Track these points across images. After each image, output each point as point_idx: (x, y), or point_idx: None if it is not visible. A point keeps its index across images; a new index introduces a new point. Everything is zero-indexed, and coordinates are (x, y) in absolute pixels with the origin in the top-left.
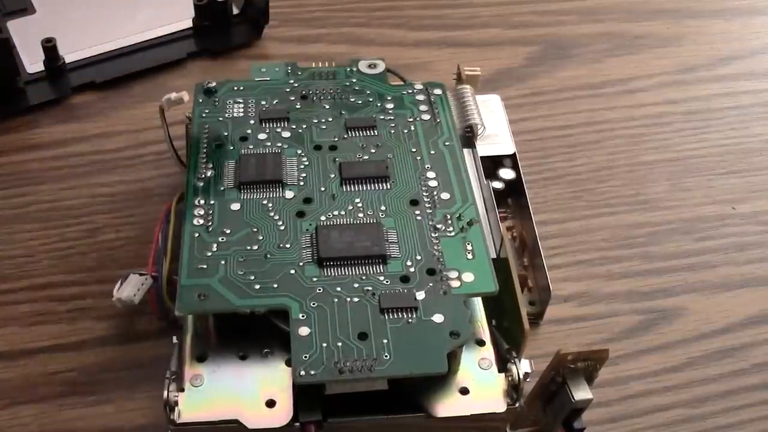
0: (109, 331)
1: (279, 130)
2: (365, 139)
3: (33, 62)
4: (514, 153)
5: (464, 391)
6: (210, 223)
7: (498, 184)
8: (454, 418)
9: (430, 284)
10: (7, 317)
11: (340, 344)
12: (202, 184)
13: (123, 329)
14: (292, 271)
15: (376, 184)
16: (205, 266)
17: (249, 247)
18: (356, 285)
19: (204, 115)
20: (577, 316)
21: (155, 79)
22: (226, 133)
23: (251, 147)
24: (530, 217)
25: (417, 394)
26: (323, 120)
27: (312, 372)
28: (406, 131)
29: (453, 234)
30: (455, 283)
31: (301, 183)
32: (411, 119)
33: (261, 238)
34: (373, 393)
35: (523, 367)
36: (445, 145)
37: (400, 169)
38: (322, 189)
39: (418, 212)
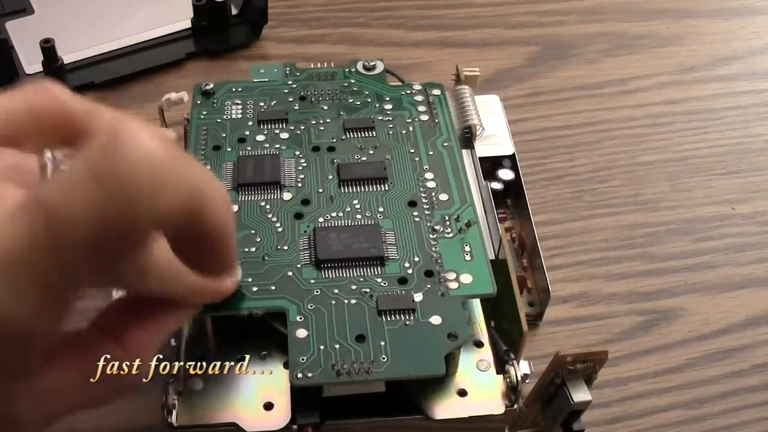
0: None
1: (277, 131)
2: (363, 140)
3: (32, 63)
4: (513, 153)
5: (462, 392)
6: None
7: (497, 185)
8: (453, 420)
9: (428, 286)
10: None
11: (337, 346)
12: None
13: None
14: (290, 273)
15: (375, 186)
16: None
17: (247, 249)
18: (354, 287)
19: (202, 116)
20: (577, 317)
21: (154, 80)
22: (224, 135)
23: (249, 148)
24: (529, 218)
25: (415, 395)
26: (322, 121)
27: (309, 374)
28: (404, 132)
29: (451, 235)
30: (453, 285)
31: (299, 184)
32: (409, 120)
33: (259, 240)
34: (371, 395)
35: (521, 368)
36: (444, 146)
37: (399, 170)
38: (320, 190)
39: (416, 213)
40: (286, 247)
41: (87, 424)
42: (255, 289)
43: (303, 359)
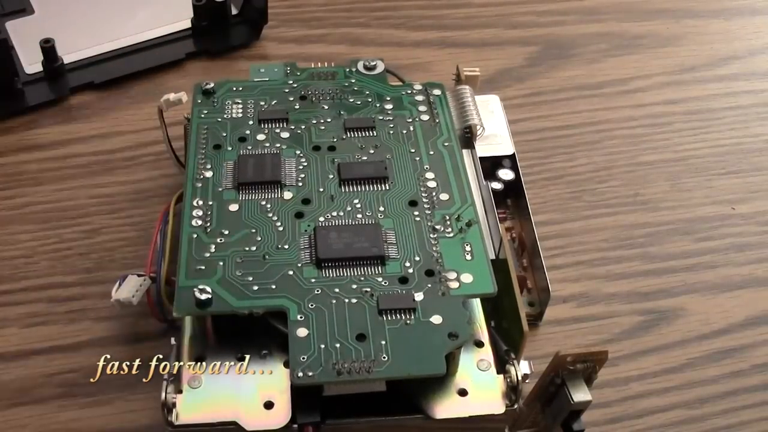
0: (108, 332)
1: (278, 130)
2: (364, 140)
3: (32, 63)
4: (514, 153)
5: (463, 392)
6: (208, 224)
7: (497, 185)
8: (453, 419)
9: (429, 285)
10: (6, 318)
11: (338, 345)
12: (200, 184)
13: (122, 330)
14: (291, 272)
15: (375, 185)
16: (203, 267)
17: (247, 248)
18: (355, 286)
19: (203, 115)
20: (577, 317)
21: (154, 80)
22: (224, 134)
23: (250, 148)
24: (529, 218)
25: (415, 395)
26: (322, 120)
27: (310, 373)
28: (405, 132)
29: (452, 235)
30: (454, 284)
31: (300, 184)
32: (410, 120)
33: (259, 239)
34: (372, 394)
35: (522, 368)
36: (444, 146)
37: (399, 169)
38: (321, 190)
39: (416, 213)
40: (286, 247)
41: (85, 423)
42: (255, 288)
43: (303, 358)
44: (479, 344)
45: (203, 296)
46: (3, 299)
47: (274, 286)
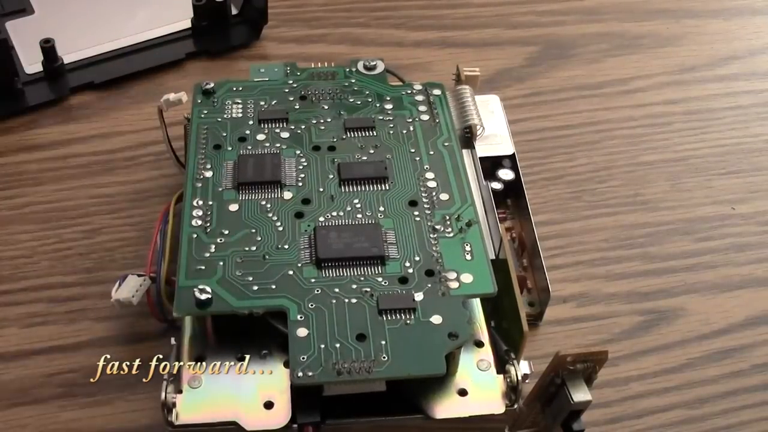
0: (108, 332)
1: (278, 130)
2: (364, 140)
3: (32, 63)
4: (514, 153)
5: (463, 392)
6: (208, 224)
7: (497, 185)
8: (453, 419)
9: (429, 285)
10: (6, 318)
11: (338, 345)
12: (200, 184)
13: (122, 330)
14: (291, 272)
15: (375, 185)
16: (203, 267)
17: (247, 248)
18: (354, 286)
19: (203, 115)
20: (577, 317)
21: (154, 80)
22: (224, 134)
23: (250, 147)
24: (529, 218)
25: (415, 395)
26: (322, 120)
27: (310, 373)
28: (405, 132)
29: (452, 235)
30: (454, 284)
31: (300, 184)
32: (410, 120)
33: (259, 239)
34: (372, 394)
35: (521, 368)
36: (444, 146)
37: (399, 169)
38: (321, 190)
39: (416, 213)
40: (286, 246)
41: (85, 423)
42: (255, 288)
43: (303, 358)
44: (479, 344)
45: (203, 296)
46: (3, 299)
47: (274, 286)
